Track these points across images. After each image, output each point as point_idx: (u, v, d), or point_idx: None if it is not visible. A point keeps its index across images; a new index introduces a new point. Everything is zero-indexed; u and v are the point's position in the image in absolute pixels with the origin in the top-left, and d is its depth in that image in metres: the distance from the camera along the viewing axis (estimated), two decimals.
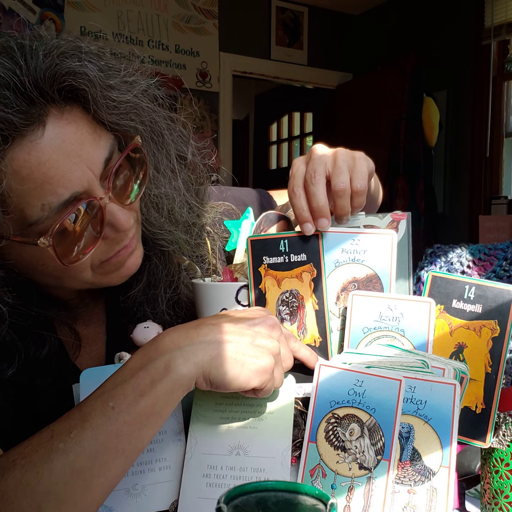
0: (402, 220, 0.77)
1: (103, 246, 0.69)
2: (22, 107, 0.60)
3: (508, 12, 3.73)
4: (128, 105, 0.70)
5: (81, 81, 0.64)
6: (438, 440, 0.59)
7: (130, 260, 0.74)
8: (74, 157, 0.63)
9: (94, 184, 0.65)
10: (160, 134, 0.78)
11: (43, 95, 0.62)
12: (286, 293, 0.70)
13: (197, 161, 0.86)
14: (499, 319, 0.65)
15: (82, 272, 0.70)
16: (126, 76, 0.71)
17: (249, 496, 0.42)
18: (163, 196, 0.79)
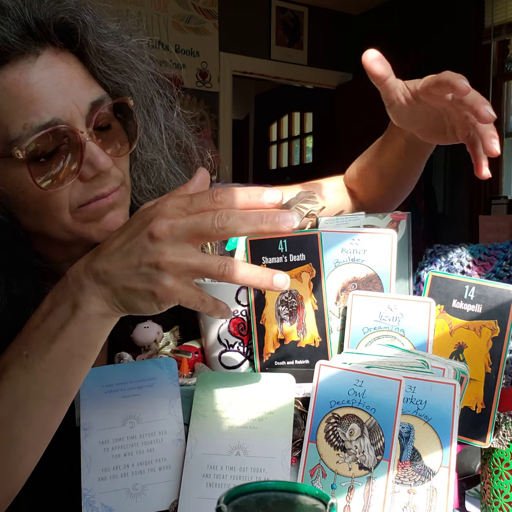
0: (402, 220, 0.77)
1: (82, 187, 0.70)
2: (21, 31, 0.65)
3: (508, 12, 3.73)
4: (122, 60, 0.75)
5: (76, 22, 0.69)
6: (438, 440, 0.59)
7: (109, 214, 0.73)
8: (61, 89, 0.67)
9: (77, 119, 0.68)
10: (152, 102, 0.80)
11: (41, 30, 0.67)
12: (285, 294, 0.70)
13: (193, 147, 0.88)
14: (499, 319, 0.65)
15: (61, 211, 0.70)
16: (121, 33, 0.77)
17: (249, 496, 0.42)
18: (153, 163, 0.81)
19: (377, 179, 0.99)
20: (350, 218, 0.82)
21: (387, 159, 0.94)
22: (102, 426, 0.64)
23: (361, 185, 1.04)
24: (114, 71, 0.73)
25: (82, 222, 0.72)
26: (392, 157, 0.92)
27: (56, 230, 0.73)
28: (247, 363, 0.72)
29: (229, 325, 0.71)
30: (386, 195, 1.01)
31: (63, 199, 0.69)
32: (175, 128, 0.86)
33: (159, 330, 0.74)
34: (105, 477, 0.63)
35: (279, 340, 0.69)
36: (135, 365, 0.68)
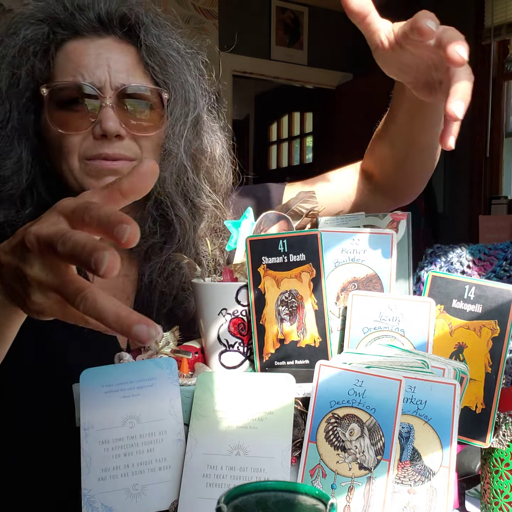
0: (402, 220, 0.77)
1: (91, 143, 0.83)
2: (92, 17, 0.84)
3: (508, 12, 3.73)
4: (169, 60, 0.87)
5: (135, 18, 0.85)
6: (438, 440, 0.59)
7: (108, 178, 0.83)
8: (106, 64, 0.83)
9: (107, 89, 0.82)
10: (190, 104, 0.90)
11: (108, 19, 0.85)
12: (285, 294, 0.70)
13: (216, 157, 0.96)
14: (499, 319, 0.65)
15: (71, 156, 0.83)
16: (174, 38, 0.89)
17: (249, 496, 0.42)
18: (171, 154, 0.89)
19: (387, 152, 0.96)
20: (350, 218, 0.82)
21: (394, 128, 0.91)
22: (102, 426, 0.64)
23: (373, 162, 1.01)
24: (160, 68, 0.87)
25: (85, 174, 0.84)
26: (398, 124, 0.89)
27: (66, 173, 0.85)
28: (247, 363, 0.72)
29: (229, 325, 0.71)
30: (399, 174, 0.99)
31: (74, 146, 0.83)
32: (207, 134, 0.95)
33: (159, 330, 0.74)
34: (105, 477, 0.63)
35: (279, 340, 0.69)
36: (135, 365, 0.68)
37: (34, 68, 0.83)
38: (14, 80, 0.83)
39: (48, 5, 0.85)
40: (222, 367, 0.72)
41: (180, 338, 0.77)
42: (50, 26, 0.84)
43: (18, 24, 0.84)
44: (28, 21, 0.84)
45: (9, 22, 0.85)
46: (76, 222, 0.47)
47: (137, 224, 0.44)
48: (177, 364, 0.68)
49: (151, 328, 0.44)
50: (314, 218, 0.84)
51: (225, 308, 0.71)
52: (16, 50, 0.83)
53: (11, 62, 0.83)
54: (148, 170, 0.47)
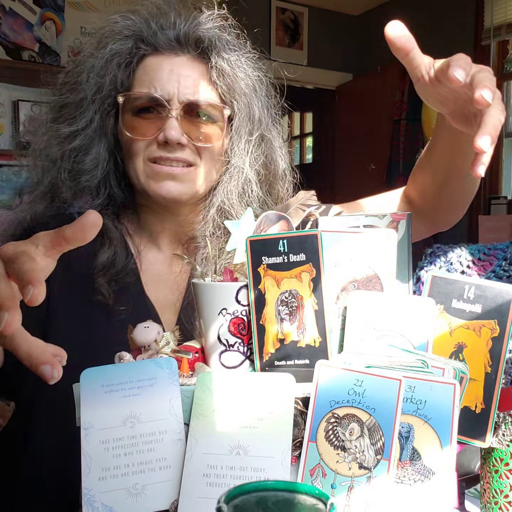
0: (402, 220, 0.77)
1: (155, 148, 0.93)
2: (172, 37, 0.95)
3: (508, 12, 3.73)
4: (238, 83, 0.97)
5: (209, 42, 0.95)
6: (437, 439, 0.59)
7: (167, 182, 0.94)
8: (177, 79, 0.93)
9: (174, 102, 0.93)
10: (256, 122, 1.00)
11: (185, 40, 0.95)
12: (285, 293, 0.70)
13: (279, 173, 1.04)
14: (498, 319, 0.65)
15: (137, 157, 0.94)
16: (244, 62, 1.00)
17: (249, 496, 0.43)
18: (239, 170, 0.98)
19: (429, 179, 1.00)
20: (350, 218, 0.82)
21: (435, 155, 0.95)
22: (102, 426, 0.64)
23: (416, 188, 1.05)
24: (227, 87, 0.96)
25: (146, 176, 0.94)
26: (439, 152, 0.93)
27: (132, 173, 0.96)
28: (247, 363, 0.72)
29: (229, 325, 0.71)
30: (440, 200, 1.01)
31: (140, 149, 0.94)
32: (271, 150, 1.04)
33: (159, 330, 0.74)
34: (105, 477, 0.63)
35: (279, 340, 0.69)
36: (135, 365, 0.68)
37: (117, 78, 0.94)
38: (99, 88, 0.94)
39: (134, 23, 0.97)
40: (222, 367, 0.72)
41: (180, 338, 0.78)
42: (134, 42, 0.95)
43: (107, 39, 0.95)
44: (116, 36, 0.95)
45: (98, 38, 0.97)
46: (7, 269, 0.52)
47: (44, 286, 0.49)
48: (177, 364, 0.68)
49: (55, 370, 0.50)
50: (314, 218, 0.84)
51: (225, 308, 0.71)
52: (103, 61, 0.94)
53: (99, 72, 0.94)
54: (89, 223, 0.53)
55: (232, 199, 0.98)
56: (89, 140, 0.96)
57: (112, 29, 0.97)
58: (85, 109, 0.96)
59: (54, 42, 3.65)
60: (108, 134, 0.97)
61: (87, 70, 0.95)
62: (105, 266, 0.92)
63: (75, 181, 0.96)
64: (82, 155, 0.96)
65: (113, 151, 0.98)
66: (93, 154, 0.96)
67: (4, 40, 3.48)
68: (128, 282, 0.95)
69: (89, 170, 0.96)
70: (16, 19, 3.51)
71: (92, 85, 0.94)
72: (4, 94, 3.44)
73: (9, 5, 3.47)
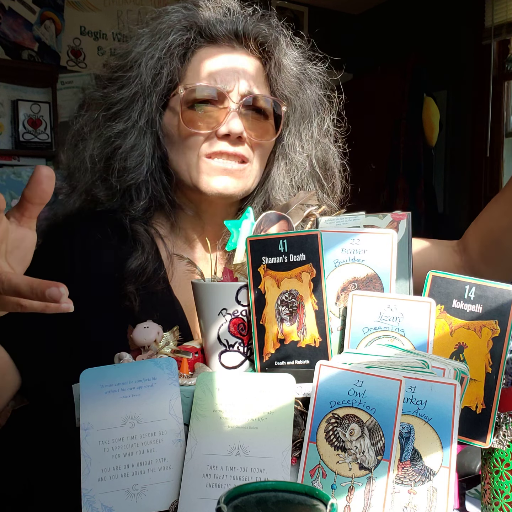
0: (402, 220, 0.77)
1: (214, 141, 0.92)
2: (231, 31, 0.95)
3: (508, 12, 3.73)
4: (294, 78, 0.97)
5: (270, 37, 0.96)
6: (438, 440, 0.59)
7: (222, 177, 0.92)
8: (235, 72, 0.93)
9: (235, 94, 0.92)
10: (310, 117, 1.00)
11: (244, 35, 0.95)
12: (285, 294, 0.70)
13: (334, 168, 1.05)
14: (499, 319, 0.65)
15: (192, 151, 0.92)
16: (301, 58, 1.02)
17: (249, 496, 0.42)
18: (299, 166, 1.00)
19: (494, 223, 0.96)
20: (350, 218, 0.82)
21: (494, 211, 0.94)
22: (102, 426, 0.64)
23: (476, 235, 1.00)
24: (285, 84, 0.97)
25: (200, 171, 0.92)
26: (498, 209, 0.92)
27: (183, 169, 0.94)
28: (247, 363, 0.72)
29: (229, 325, 0.71)
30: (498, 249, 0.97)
31: (196, 143, 0.92)
32: (326, 146, 1.04)
33: (159, 330, 0.74)
34: (105, 477, 0.63)
35: (279, 340, 0.69)
36: (135, 365, 0.68)
37: (174, 68, 0.93)
38: (157, 79, 0.93)
39: (193, 14, 0.96)
40: (222, 367, 0.72)
41: (180, 338, 0.77)
42: (193, 33, 0.94)
43: (167, 29, 0.94)
44: (176, 26, 0.94)
45: (153, 28, 0.96)
46: None
47: None
48: (177, 364, 0.68)
49: (61, 287, 0.51)
50: (314, 218, 0.84)
51: (225, 308, 0.71)
52: (163, 52, 0.92)
53: (157, 62, 0.92)
54: (43, 175, 0.54)
55: (284, 195, 0.99)
56: (138, 135, 0.94)
57: (170, 19, 0.95)
58: (140, 103, 0.93)
59: (54, 42, 3.65)
60: (155, 128, 0.95)
61: (145, 62, 0.92)
62: (136, 273, 0.90)
63: (120, 181, 0.94)
64: (130, 152, 0.94)
65: (156, 147, 0.96)
66: (139, 150, 0.94)
67: (4, 40, 3.48)
68: (157, 289, 0.92)
69: (135, 168, 0.94)
70: (16, 18, 3.51)
71: (150, 77, 0.92)
72: (4, 94, 3.44)
73: (8, 5, 3.47)
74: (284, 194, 1.00)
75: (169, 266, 0.96)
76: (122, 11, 3.87)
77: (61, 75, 3.52)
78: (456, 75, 4.02)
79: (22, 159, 3.41)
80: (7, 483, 0.90)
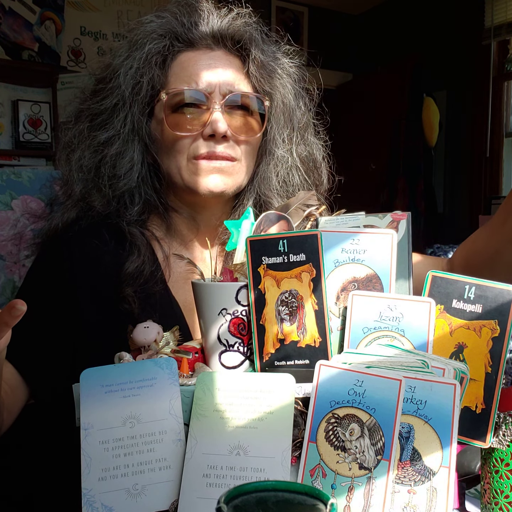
0: (402, 220, 0.77)
1: (201, 143, 0.92)
2: (206, 33, 0.96)
3: (508, 12, 3.73)
4: (273, 73, 0.98)
5: (245, 34, 0.97)
6: (438, 440, 0.59)
7: (214, 176, 0.93)
8: (216, 73, 0.94)
9: (216, 95, 0.93)
10: (291, 111, 1.01)
11: (220, 35, 0.96)
12: (285, 294, 0.70)
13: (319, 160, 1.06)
14: (499, 319, 0.65)
15: (180, 155, 0.94)
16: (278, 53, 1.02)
17: (249, 496, 0.42)
18: (281, 159, 1.01)
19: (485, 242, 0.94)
20: (350, 218, 0.82)
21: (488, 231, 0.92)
22: (102, 426, 0.64)
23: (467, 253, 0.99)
24: (264, 79, 0.97)
25: (191, 173, 0.94)
26: None
27: (174, 172, 0.95)
28: (247, 363, 0.72)
29: (229, 325, 0.71)
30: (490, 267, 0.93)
31: (184, 146, 0.93)
32: (308, 139, 1.05)
33: (159, 330, 0.74)
34: (105, 477, 0.63)
35: (279, 340, 0.69)
36: (135, 365, 0.68)
37: (154, 76, 0.94)
38: (138, 89, 0.94)
39: (167, 22, 0.97)
40: (222, 367, 0.72)
41: (180, 338, 0.77)
42: (170, 40, 0.95)
43: (143, 40, 0.95)
44: (151, 36, 0.95)
45: (130, 40, 0.97)
46: None
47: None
48: (177, 364, 0.68)
49: None
50: (314, 218, 0.84)
51: (225, 308, 0.71)
52: (141, 61, 0.94)
53: (136, 73, 0.94)
54: None
55: (271, 189, 1.00)
56: (124, 143, 0.96)
57: (145, 29, 0.97)
58: (121, 112, 0.95)
59: (54, 42, 3.65)
60: (141, 134, 0.96)
61: (124, 73, 0.95)
62: (133, 275, 0.91)
63: (112, 188, 0.96)
64: (118, 159, 0.96)
65: (146, 153, 0.97)
66: (128, 157, 0.96)
67: (4, 40, 3.48)
68: (155, 290, 0.93)
69: (125, 174, 0.95)
70: (16, 18, 3.51)
71: (129, 87, 0.95)
72: (4, 94, 3.44)
73: (8, 5, 3.47)
74: (273, 189, 1.01)
75: (165, 267, 0.96)
76: (122, 11, 3.87)
77: (61, 75, 3.52)
78: (456, 75, 4.02)
79: (22, 159, 3.41)
80: (7, 483, 0.90)
